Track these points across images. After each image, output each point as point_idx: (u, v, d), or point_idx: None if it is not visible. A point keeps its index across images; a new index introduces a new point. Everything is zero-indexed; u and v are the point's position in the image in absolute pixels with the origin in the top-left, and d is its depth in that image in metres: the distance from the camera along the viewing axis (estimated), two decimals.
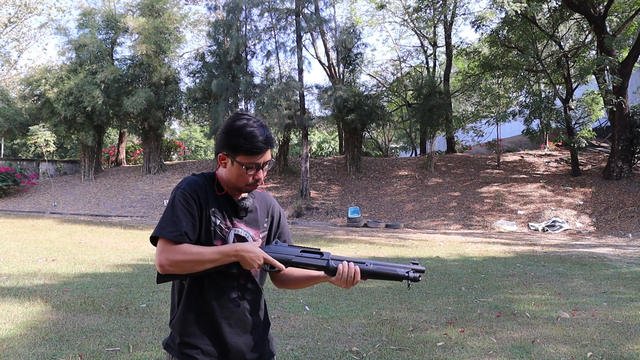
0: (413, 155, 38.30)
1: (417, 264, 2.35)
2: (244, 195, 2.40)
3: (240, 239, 2.35)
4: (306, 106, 26.88)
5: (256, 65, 75.63)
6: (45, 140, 27.10)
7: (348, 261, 2.35)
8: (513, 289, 8.88)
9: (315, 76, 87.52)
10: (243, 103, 27.52)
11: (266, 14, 26.77)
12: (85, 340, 5.54)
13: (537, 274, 10.52)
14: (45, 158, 31.42)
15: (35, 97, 29.56)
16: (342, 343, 5.63)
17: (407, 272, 2.31)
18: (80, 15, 30.69)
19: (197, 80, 29.87)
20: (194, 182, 2.31)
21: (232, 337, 2.33)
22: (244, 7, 26.14)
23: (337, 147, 42.34)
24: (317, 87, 28.58)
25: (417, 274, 2.32)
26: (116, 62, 30.98)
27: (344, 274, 2.31)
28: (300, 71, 25.38)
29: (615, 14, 25.14)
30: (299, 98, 25.40)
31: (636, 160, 24.08)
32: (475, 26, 24.50)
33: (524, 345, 5.65)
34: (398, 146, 50.45)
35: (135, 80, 29.93)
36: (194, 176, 2.36)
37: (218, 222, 2.31)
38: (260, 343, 2.44)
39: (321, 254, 2.36)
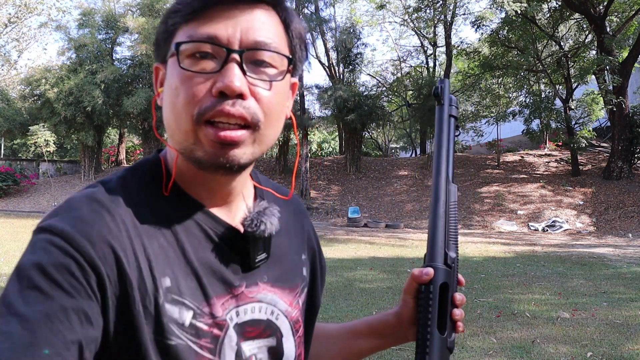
0: (413, 155, 38.33)
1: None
2: (256, 206, 1.05)
3: (253, 333, 1.02)
4: (306, 106, 26.94)
5: None
6: (45, 140, 27.16)
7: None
8: (513, 289, 8.89)
9: (316, 76, 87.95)
10: None
11: None
12: None
13: (537, 274, 10.53)
14: (45, 158, 31.45)
15: (35, 97, 29.58)
16: None
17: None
18: (80, 15, 30.77)
19: None
20: (85, 220, 0.88)
21: None
22: None
23: (337, 147, 42.39)
24: (317, 87, 28.67)
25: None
26: (116, 62, 30.96)
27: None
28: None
29: (615, 13, 25.14)
30: (299, 98, 25.43)
31: (636, 160, 24.09)
32: (475, 26, 24.54)
33: (524, 345, 5.66)
34: (398, 146, 50.47)
35: (136, 80, 29.92)
36: (92, 195, 0.94)
37: (186, 315, 0.93)
38: None
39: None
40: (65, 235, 0.85)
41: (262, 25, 0.96)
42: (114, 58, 31.16)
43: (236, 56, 0.92)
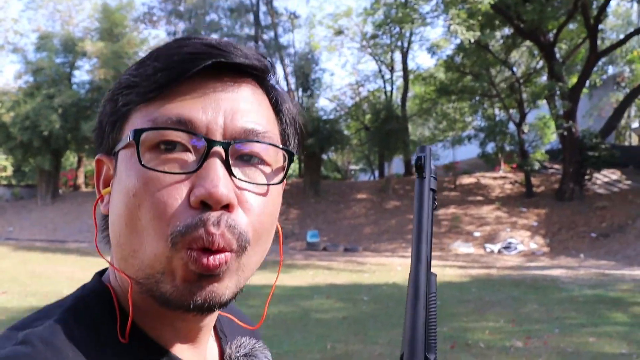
0: (372, 178, 38.60)
1: None
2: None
3: None
4: None
5: None
6: (1, 165, 26.91)
7: None
8: (468, 317, 9.06)
9: None
10: None
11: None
12: None
13: (492, 299, 10.74)
14: (0, 182, 30.95)
15: None
16: None
17: None
18: (38, 38, 30.51)
19: None
20: None
21: None
22: (203, 33, 26.27)
23: (297, 170, 42.53)
24: None
25: None
26: (75, 85, 30.81)
27: None
28: None
29: (564, 41, 25.91)
30: None
31: (586, 181, 24.71)
32: (431, 52, 25.03)
33: None
34: (358, 168, 50.76)
35: (94, 105, 29.70)
36: None
37: None
38: None
39: None
40: None
41: (250, 107, 0.73)
42: (72, 82, 30.96)
43: (220, 150, 0.69)
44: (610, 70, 31.99)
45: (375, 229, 23.88)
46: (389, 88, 35.77)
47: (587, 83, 23.51)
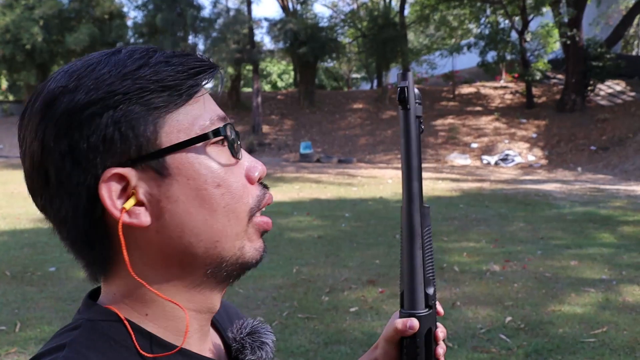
0: (372, 87, 37.81)
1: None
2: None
3: None
4: (260, 39, 26.19)
5: None
6: None
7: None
8: (449, 236, 8.70)
9: (269, 8, 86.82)
10: (191, 38, 26.60)
11: None
12: None
13: (478, 217, 10.41)
14: None
15: None
16: (250, 310, 5.29)
17: None
18: None
19: (144, 14, 28.70)
20: None
21: None
22: None
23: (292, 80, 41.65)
24: (266, 19, 27.71)
25: None
26: None
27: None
28: (249, 3, 24.59)
29: None
30: (247, 31, 24.63)
31: (589, 92, 24.04)
32: None
33: (443, 308, 5.40)
34: (359, 76, 49.74)
35: (79, 15, 28.53)
36: None
37: None
38: None
39: None
40: None
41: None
42: None
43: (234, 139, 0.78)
44: None
45: (370, 139, 23.43)
46: None
47: None
